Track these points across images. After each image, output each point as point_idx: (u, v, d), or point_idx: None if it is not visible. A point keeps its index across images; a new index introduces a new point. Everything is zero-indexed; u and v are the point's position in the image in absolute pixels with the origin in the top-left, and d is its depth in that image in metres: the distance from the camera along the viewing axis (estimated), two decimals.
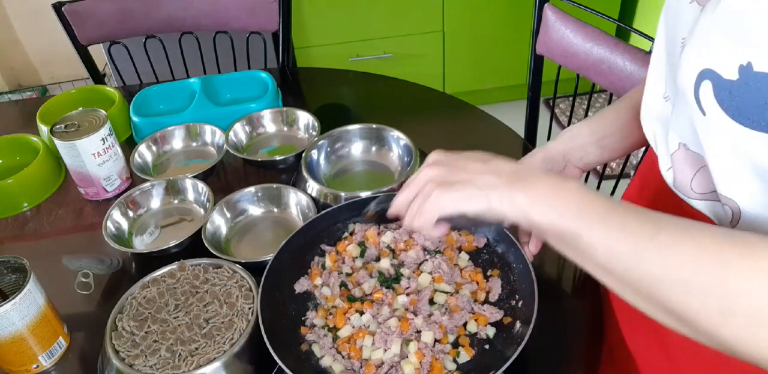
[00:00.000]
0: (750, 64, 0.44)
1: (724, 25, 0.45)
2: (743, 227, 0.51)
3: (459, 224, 0.61)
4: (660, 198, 0.64)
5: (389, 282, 0.81)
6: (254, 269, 0.85)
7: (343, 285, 0.82)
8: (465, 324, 0.77)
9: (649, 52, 1.02)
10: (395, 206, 0.64)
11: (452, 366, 0.73)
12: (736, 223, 0.52)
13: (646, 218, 0.49)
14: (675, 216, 0.49)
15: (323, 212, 0.89)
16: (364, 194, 0.94)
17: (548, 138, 1.47)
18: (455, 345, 0.76)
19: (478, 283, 0.81)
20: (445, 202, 0.58)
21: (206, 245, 0.91)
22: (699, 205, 0.57)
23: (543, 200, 0.53)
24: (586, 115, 1.27)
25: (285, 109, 1.20)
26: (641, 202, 0.69)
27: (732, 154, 0.48)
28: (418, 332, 0.75)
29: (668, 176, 0.60)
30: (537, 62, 1.27)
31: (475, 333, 0.76)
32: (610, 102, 1.17)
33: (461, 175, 0.58)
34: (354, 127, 1.10)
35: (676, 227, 0.47)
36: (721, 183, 0.51)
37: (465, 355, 0.74)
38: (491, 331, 0.76)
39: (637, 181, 0.75)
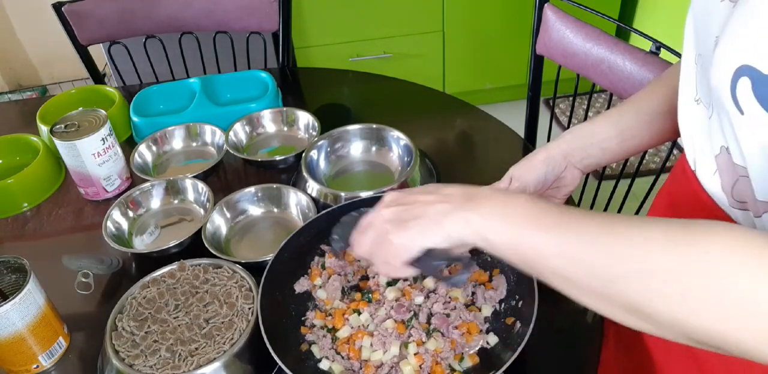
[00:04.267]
0: None
1: (762, 18, 0.44)
2: None
3: (428, 268, 0.60)
4: (693, 210, 0.62)
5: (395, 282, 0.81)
6: (254, 269, 0.85)
7: (343, 291, 0.82)
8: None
9: (652, 53, 1.03)
10: (359, 252, 0.63)
11: (454, 367, 0.73)
12: None
13: (598, 219, 0.49)
14: (629, 215, 0.49)
15: (323, 212, 0.89)
16: (364, 194, 0.94)
17: (548, 138, 1.47)
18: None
19: (484, 284, 0.81)
20: (404, 243, 0.57)
21: (206, 245, 0.91)
22: (737, 215, 0.55)
23: (496, 216, 0.53)
24: (586, 115, 1.27)
25: (285, 109, 1.20)
26: (671, 214, 0.67)
27: None
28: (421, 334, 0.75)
29: (712, 182, 0.58)
30: (537, 62, 1.27)
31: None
32: (610, 102, 1.17)
33: (414, 210, 0.58)
34: (354, 127, 1.10)
35: (629, 221, 0.48)
36: (759, 190, 0.49)
37: (468, 361, 0.74)
38: (493, 340, 0.76)
39: (665, 194, 0.72)
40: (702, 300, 0.42)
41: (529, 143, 1.20)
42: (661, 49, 1.04)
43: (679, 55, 1.00)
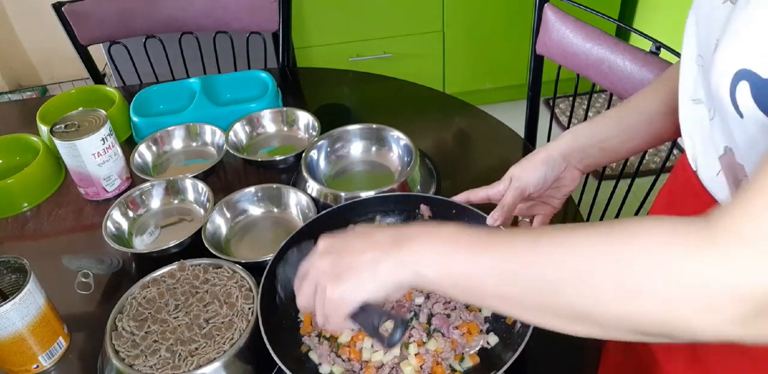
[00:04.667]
0: None
1: (759, 22, 0.43)
2: None
3: (366, 323, 0.58)
4: (694, 209, 0.60)
5: None
6: (254, 269, 0.85)
7: None
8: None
9: (652, 53, 1.03)
10: (300, 304, 0.62)
11: (455, 367, 0.73)
12: None
13: (526, 234, 0.49)
14: (557, 225, 0.49)
15: (323, 212, 0.89)
16: (364, 194, 0.94)
17: (548, 138, 1.47)
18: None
19: None
20: (341, 296, 0.56)
21: (206, 245, 0.91)
22: None
23: (427, 251, 0.53)
24: (586, 115, 1.27)
25: (285, 109, 1.20)
26: (671, 214, 0.66)
27: None
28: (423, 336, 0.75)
29: (716, 182, 0.57)
30: (537, 62, 1.27)
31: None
32: (610, 102, 1.17)
33: (346, 260, 0.57)
34: (354, 127, 1.10)
35: (555, 230, 0.48)
36: None
37: (468, 361, 0.74)
38: (493, 340, 0.76)
39: (666, 193, 0.71)
40: (645, 291, 0.42)
41: (528, 143, 1.20)
42: (661, 49, 1.04)
43: (679, 55, 1.00)
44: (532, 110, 1.35)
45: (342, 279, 0.56)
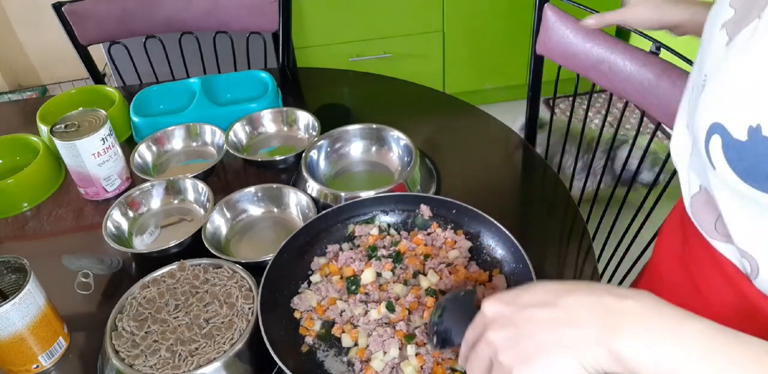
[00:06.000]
0: (759, 126, 0.41)
1: (743, 77, 0.42)
2: (765, 279, 0.49)
3: None
4: (694, 240, 0.60)
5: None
6: (254, 269, 0.85)
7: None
8: None
9: (652, 53, 1.03)
10: None
11: (455, 368, 0.73)
12: (756, 276, 0.49)
13: (748, 345, 0.43)
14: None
15: (323, 212, 0.89)
16: (364, 194, 0.94)
17: (548, 138, 1.47)
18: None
19: (484, 284, 0.81)
20: None
21: (206, 245, 0.91)
22: (723, 249, 0.54)
23: (652, 348, 0.43)
24: (585, 115, 1.27)
25: (285, 109, 1.20)
26: (677, 239, 0.66)
27: (744, 210, 0.46)
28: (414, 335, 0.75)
29: (691, 215, 0.57)
30: (537, 63, 1.27)
31: None
32: (610, 102, 1.17)
33: (533, 338, 0.47)
34: (354, 127, 1.10)
35: None
36: (736, 237, 0.49)
37: None
38: None
39: (677, 215, 0.70)
40: None
41: (528, 143, 1.20)
42: (661, 49, 1.04)
43: (678, 55, 1.00)
44: (532, 109, 1.35)
45: (531, 361, 0.47)
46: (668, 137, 2.38)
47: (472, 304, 0.56)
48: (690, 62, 0.95)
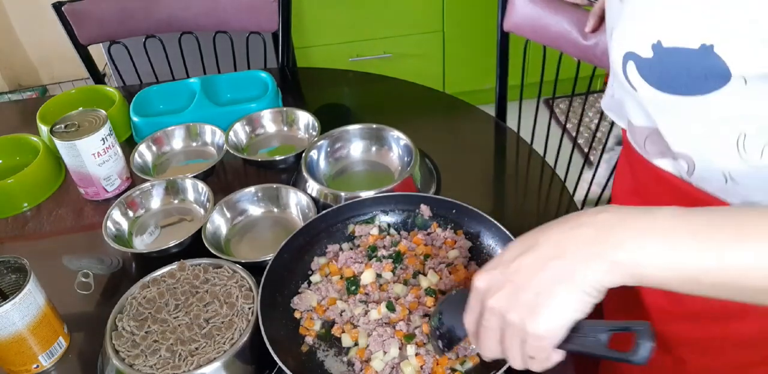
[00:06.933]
0: (659, 41, 0.51)
1: (637, 10, 0.54)
2: (699, 175, 0.59)
3: (585, 342, 0.48)
4: (636, 167, 0.72)
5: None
6: (254, 269, 0.85)
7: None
8: None
9: None
10: (488, 355, 0.53)
11: (455, 368, 0.73)
12: (692, 172, 0.60)
13: (748, 212, 0.45)
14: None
15: (323, 212, 0.89)
16: (364, 194, 0.94)
17: (546, 138, 1.47)
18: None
19: None
20: (547, 329, 0.47)
21: (206, 245, 0.91)
22: (659, 163, 0.64)
23: (648, 251, 0.44)
24: (582, 113, 1.27)
25: (285, 109, 1.20)
26: (627, 174, 0.77)
27: (670, 117, 0.57)
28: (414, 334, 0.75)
29: (633, 143, 0.68)
30: (503, 40, 1.29)
31: None
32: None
33: (530, 283, 0.47)
34: (354, 127, 1.10)
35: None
36: (672, 142, 0.59)
37: (469, 362, 0.74)
38: None
39: (622, 157, 0.81)
40: None
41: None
42: None
43: None
44: (500, 93, 1.41)
45: (537, 308, 0.47)
46: None
47: (466, 300, 0.56)
48: None
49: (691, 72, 0.50)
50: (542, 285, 0.47)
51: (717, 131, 0.54)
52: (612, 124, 1.01)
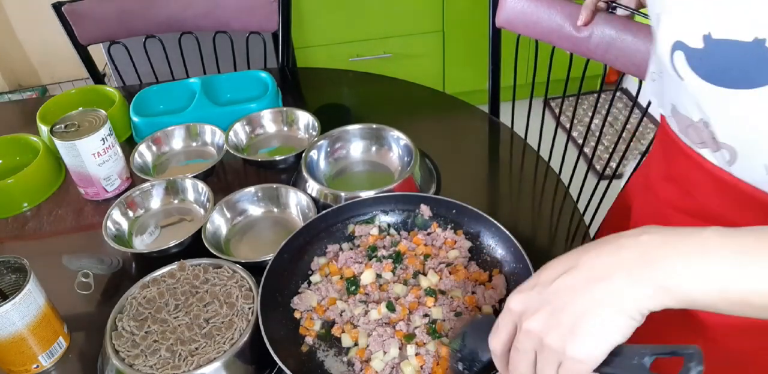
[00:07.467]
0: (710, 33, 0.51)
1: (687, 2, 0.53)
2: (740, 166, 0.60)
3: (626, 367, 0.46)
4: (673, 153, 0.72)
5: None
6: (254, 269, 0.85)
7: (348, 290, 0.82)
8: None
9: (609, 12, 1.10)
10: None
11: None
12: (733, 162, 0.60)
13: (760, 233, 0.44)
14: None
15: (323, 212, 0.89)
16: (364, 194, 0.94)
17: (541, 137, 1.47)
18: None
19: (484, 284, 0.81)
20: (586, 353, 0.45)
21: (206, 245, 0.91)
22: (700, 151, 0.65)
23: (693, 274, 0.43)
24: (575, 112, 1.27)
25: (285, 109, 1.20)
26: (662, 160, 0.77)
27: (717, 108, 0.56)
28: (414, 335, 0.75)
29: (677, 130, 0.68)
30: (495, 36, 1.29)
31: None
32: (611, 103, 1.17)
33: (571, 306, 0.45)
34: (354, 127, 1.10)
35: None
36: (718, 133, 0.59)
37: None
38: None
39: (658, 143, 0.80)
40: None
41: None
42: (618, 8, 1.07)
43: (633, 10, 1.05)
44: (494, 91, 1.38)
45: (578, 331, 0.45)
46: None
47: (492, 326, 0.54)
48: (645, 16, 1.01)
49: (742, 65, 0.50)
50: (584, 307, 0.45)
51: (765, 125, 0.54)
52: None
